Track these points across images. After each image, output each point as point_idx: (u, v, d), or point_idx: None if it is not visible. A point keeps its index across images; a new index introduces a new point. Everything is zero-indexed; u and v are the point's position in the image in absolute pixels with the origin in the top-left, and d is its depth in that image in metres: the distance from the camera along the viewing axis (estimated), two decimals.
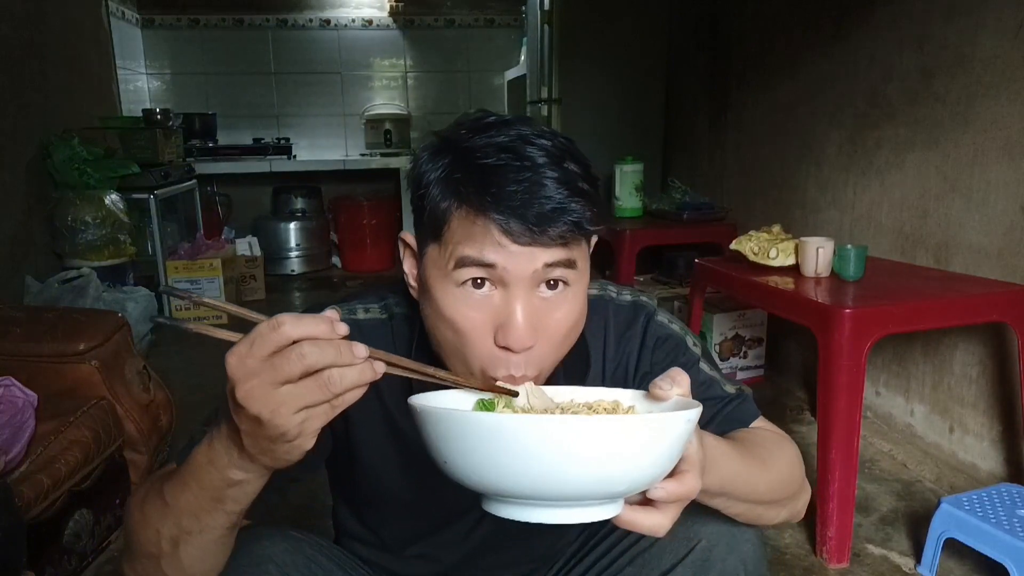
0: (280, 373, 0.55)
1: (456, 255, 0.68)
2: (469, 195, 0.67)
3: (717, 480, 0.71)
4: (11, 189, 2.96)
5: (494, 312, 0.70)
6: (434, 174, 0.71)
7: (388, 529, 0.95)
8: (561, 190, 0.67)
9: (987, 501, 1.61)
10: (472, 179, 0.67)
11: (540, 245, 0.67)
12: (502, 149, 0.68)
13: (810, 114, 2.71)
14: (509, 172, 0.66)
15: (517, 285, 0.69)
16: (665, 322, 0.92)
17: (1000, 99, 1.90)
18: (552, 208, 0.66)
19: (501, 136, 0.69)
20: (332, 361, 0.55)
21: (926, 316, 1.76)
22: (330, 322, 0.57)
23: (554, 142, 0.70)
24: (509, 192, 0.66)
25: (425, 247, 0.73)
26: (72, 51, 3.68)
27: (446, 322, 0.71)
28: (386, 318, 0.87)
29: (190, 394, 2.78)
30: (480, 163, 0.67)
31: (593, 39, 3.74)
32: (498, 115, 0.73)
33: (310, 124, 5.38)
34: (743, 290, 2.13)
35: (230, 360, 0.58)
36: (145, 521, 0.71)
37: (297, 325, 0.56)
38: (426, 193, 0.71)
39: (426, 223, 0.72)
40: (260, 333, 0.56)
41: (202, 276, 3.71)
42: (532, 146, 0.68)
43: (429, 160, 0.72)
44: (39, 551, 1.47)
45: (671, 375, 0.66)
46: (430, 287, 0.72)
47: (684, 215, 3.11)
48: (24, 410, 1.53)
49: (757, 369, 2.86)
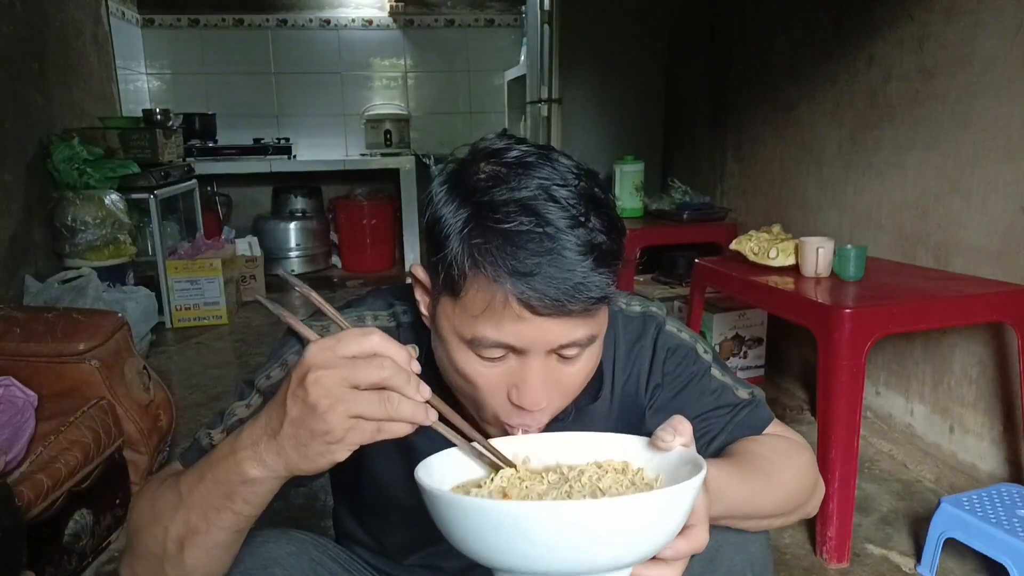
0: (357, 373, 0.58)
1: (475, 332, 0.68)
2: (487, 264, 0.65)
3: (721, 509, 0.72)
4: (11, 189, 2.96)
5: (509, 373, 0.70)
6: (453, 226, 0.67)
7: (390, 537, 0.95)
8: (584, 261, 0.64)
9: (987, 501, 1.61)
10: (492, 247, 0.64)
11: (561, 316, 0.66)
12: (523, 209, 0.65)
13: (810, 114, 2.71)
14: (530, 241, 0.64)
15: (533, 355, 0.69)
16: (675, 331, 0.91)
17: (1000, 99, 1.90)
18: (574, 284, 0.64)
19: (522, 190, 0.66)
20: (400, 387, 0.58)
21: (926, 316, 1.76)
22: (410, 355, 0.60)
23: (577, 190, 0.67)
24: (529, 264, 0.63)
25: (440, 294, 0.71)
26: (72, 51, 3.68)
27: (459, 375, 0.72)
28: (394, 326, 0.86)
29: (190, 394, 2.79)
30: (500, 228, 0.64)
31: (593, 39, 3.74)
32: (517, 147, 0.70)
33: (310, 124, 5.38)
34: (743, 290, 2.13)
35: (312, 348, 0.59)
36: (154, 517, 0.70)
37: (385, 342, 0.59)
38: (444, 243, 0.68)
39: (443, 276, 0.69)
40: (351, 334, 0.59)
41: (202, 276, 3.70)
42: (554, 203, 0.65)
43: (447, 203, 0.69)
44: (39, 551, 1.47)
45: (673, 424, 0.66)
46: (444, 339, 0.72)
47: (684, 215, 3.11)
48: (24, 410, 1.53)
49: (757, 369, 2.86)
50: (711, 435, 0.89)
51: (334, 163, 4.98)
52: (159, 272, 3.66)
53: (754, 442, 0.87)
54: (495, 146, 0.71)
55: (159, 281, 3.66)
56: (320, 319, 0.86)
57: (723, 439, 0.89)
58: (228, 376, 3.01)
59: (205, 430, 0.82)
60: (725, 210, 3.21)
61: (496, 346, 0.68)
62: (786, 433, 0.92)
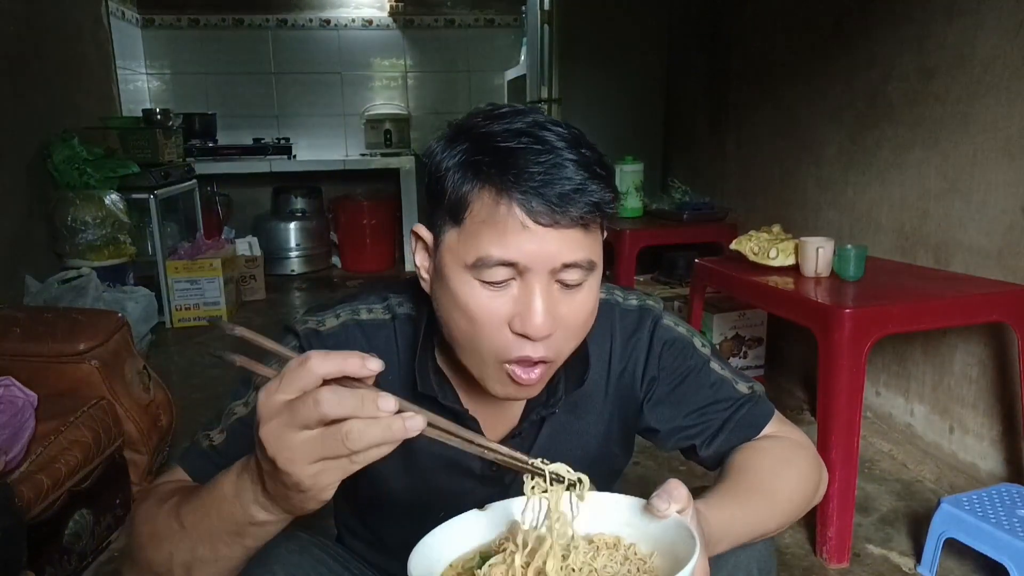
0: (296, 418, 0.53)
1: (478, 252, 0.68)
2: (492, 175, 0.68)
3: (724, 546, 0.73)
4: (11, 189, 2.96)
5: (512, 301, 0.70)
6: (452, 160, 0.71)
7: (390, 531, 0.95)
8: (580, 171, 0.68)
9: (987, 501, 1.61)
10: (494, 161, 0.68)
11: (561, 226, 0.68)
12: (520, 133, 0.69)
13: (810, 114, 2.71)
14: (530, 154, 0.67)
15: (536, 276, 0.69)
16: (672, 325, 0.91)
17: (1000, 99, 1.90)
18: (573, 188, 0.67)
19: (518, 122, 0.70)
20: (351, 412, 0.52)
21: (926, 316, 1.76)
22: (360, 358, 0.54)
23: (568, 129, 0.72)
24: (531, 172, 0.67)
25: (442, 234, 0.73)
26: (72, 51, 3.68)
27: (461, 311, 0.72)
28: (389, 318, 0.86)
29: (190, 394, 2.79)
30: (501, 145, 0.68)
31: (593, 39, 3.74)
32: (510, 105, 0.75)
33: (310, 124, 5.38)
34: (743, 290, 2.13)
35: (260, 395, 0.55)
36: (156, 541, 0.70)
37: (324, 362, 0.53)
38: (445, 177, 0.71)
39: (445, 208, 0.71)
40: (289, 369, 0.54)
41: (202, 276, 3.70)
42: (548, 131, 0.70)
43: (445, 148, 0.73)
44: (39, 551, 1.47)
45: (668, 490, 0.65)
46: (446, 276, 0.72)
47: (684, 215, 3.11)
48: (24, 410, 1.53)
49: (757, 369, 2.86)
50: (711, 430, 0.89)
51: (334, 163, 4.99)
52: (159, 272, 3.66)
53: (755, 453, 0.87)
54: (488, 107, 0.76)
55: (159, 281, 3.66)
56: (349, 303, 0.87)
57: (724, 438, 0.89)
58: (228, 376, 3.01)
59: (204, 431, 0.82)
60: (725, 210, 3.21)
61: (500, 264, 0.68)
62: (786, 430, 0.92)
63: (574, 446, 0.89)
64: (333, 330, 0.84)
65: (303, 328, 0.84)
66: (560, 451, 0.84)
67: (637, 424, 0.94)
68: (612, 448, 0.94)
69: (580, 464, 0.81)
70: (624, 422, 0.93)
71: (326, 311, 0.86)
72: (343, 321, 0.85)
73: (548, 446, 0.82)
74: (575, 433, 0.89)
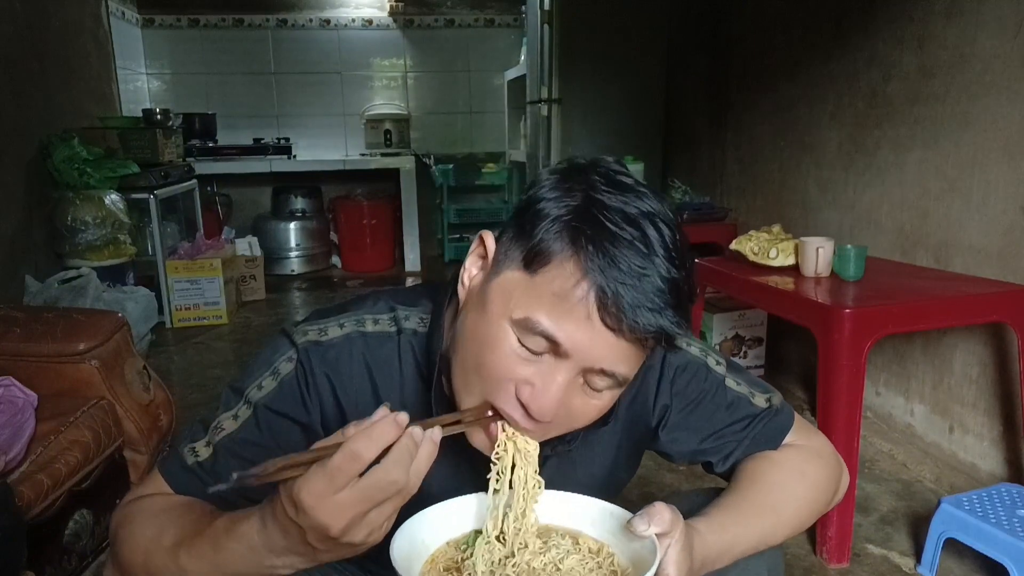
0: (372, 504, 0.58)
1: (530, 314, 0.65)
2: (585, 251, 0.64)
3: (727, 561, 0.73)
4: (11, 189, 2.96)
5: (532, 370, 0.67)
6: (556, 209, 0.66)
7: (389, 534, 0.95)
8: (665, 293, 0.64)
9: (987, 501, 1.61)
10: (594, 237, 0.64)
11: (621, 335, 0.65)
12: (630, 221, 0.65)
13: (810, 114, 2.71)
14: (630, 251, 0.64)
15: (570, 365, 0.66)
16: (683, 347, 0.88)
17: (1000, 99, 1.90)
18: (650, 310, 0.63)
19: (633, 207, 0.66)
20: (412, 470, 0.58)
21: (926, 316, 1.76)
22: (395, 423, 0.58)
23: (675, 234, 0.67)
24: (622, 271, 0.63)
25: (506, 266, 0.69)
26: (72, 51, 3.68)
27: (483, 347, 0.69)
28: (394, 331, 0.83)
29: (190, 394, 2.79)
30: (607, 226, 0.64)
31: (593, 39, 3.74)
32: (632, 176, 0.71)
33: (310, 124, 5.38)
34: (743, 290, 2.13)
35: (307, 500, 0.56)
36: (148, 572, 0.71)
37: (370, 446, 0.56)
38: (540, 222, 0.66)
39: (527, 250, 0.67)
40: (338, 468, 0.56)
41: (202, 276, 3.70)
42: (657, 232, 0.65)
43: (555, 188, 0.68)
44: (39, 551, 1.46)
45: (649, 513, 0.67)
46: (488, 308, 0.69)
47: (684, 215, 3.10)
48: (24, 410, 1.53)
49: (757, 369, 2.86)
50: (727, 450, 0.88)
51: (334, 163, 4.98)
52: (159, 272, 3.66)
53: (767, 465, 0.86)
54: (613, 166, 0.71)
55: (159, 281, 3.66)
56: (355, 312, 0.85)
57: (740, 453, 0.88)
58: (228, 376, 3.01)
59: (188, 443, 0.79)
60: (725, 210, 3.21)
61: (544, 337, 0.65)
62: (806, 438, 0.91)
63: (582, 475, 0.87)
64: (335, 341, 0.81)
65: (302, 341, 0.81)
66: (567, 482, 0.83)
67: (649, 447, 0.92)
68: (620, 473, 0.93)
69: (588, 491, 0.82)
70: (633, 448, 0.91)
71: (329, 319, 0.83)
72: (347, 332, 0.81)
73: (555, 477, 0.78)
74: (583, 463, 0.87)
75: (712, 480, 0.93)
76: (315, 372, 0.79)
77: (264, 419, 0.78)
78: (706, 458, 0.90)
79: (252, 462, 0.78)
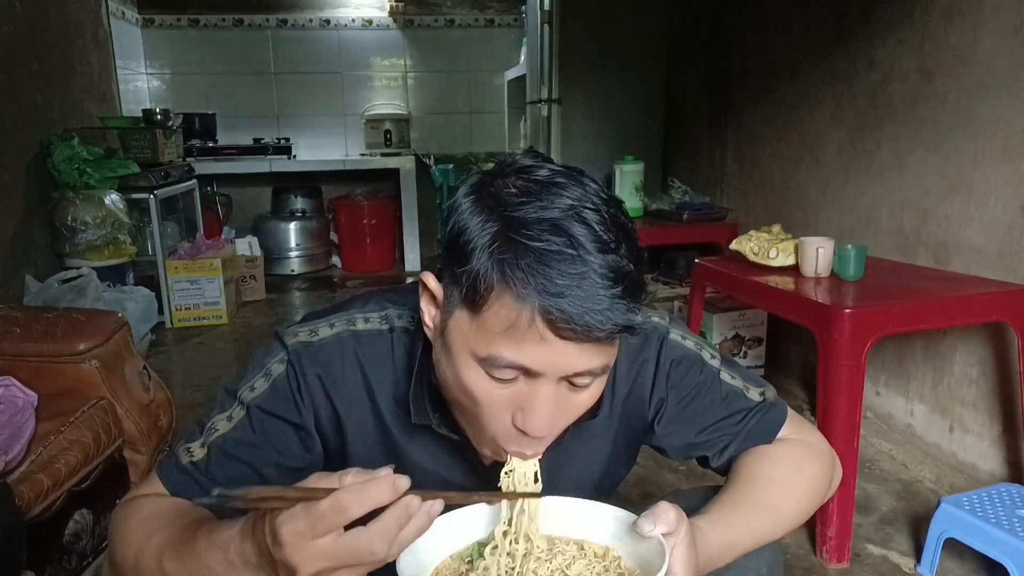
0: (344, 563, 0.57)
1: (491, 351, 0.65)
2: (516, 281, 0.62)
3: (729, 559, 0.73)
4: (11, 189, 2.96)
5: (516, 395, 0.67)
6: (480, 239, 0.65)
7: None
8: (612, 288, 0.63)
9: (987, 501, 1.61)
10: (521, 264, 0.62)
11: (581, 341, 0.64)
12: (553, 228, 0.63)
13: (810, 114, 2.71)
14: (561, 262, 0.62)
15: (546, 380, 0.66)
16: (679, 341, 0.88)
17: (1000, 99, 1.90)
18: (601, 309, 0.62)
19: (552, 209, 0.64)
20: (397, 541, 0.57)
21: (926, 316, 1.76)
22: (392, 487, 0.56)
23: (607, 215, 0.65)
24: (560, 285, 0.61)
25: (454, 307, 0.68)
26: (72, 51, 3.68)
27: (463, 393, 0.69)
28: (386, 330, 0.83)
29: (190, 394, 2.79)
30: (530, 245, 0.62)
31: (593, 39, 3.74)
32: (546, 165, 0.69)
33: (310, 124, 5.38)
34: (743, 290, 2.13)
35: (286, 536, 0.56)
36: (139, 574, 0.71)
37: (360, 503, 0.55)
38: (468, 258, 0.65)
39: (464, 289, 0.66)
40: (322, 516, 0.55)
41: (202, 276, 3.70)
42: (584, 225, 0.63)
43: (473, 214, 0.66)
44: (39, 551, 1.46)
45: (655, 513, 0.66)
46: (452, 352, 0.69)
47: (684, 215, 3.11)
48: (24, 410, 1.53)
49: (757, 369, 2.86)
50: (723, 444, 0.89)
51: (334, 163, 4.98)
52: (159, 272, 3.66)
53: (764, 460, 0.86)
54: (524, 163, 0.69)
55: (159, 281, 3.66)
56: (347, 311, 0.84)
57: (736, 447, 0.89)
58: (228, 376, 2.99)
59: (184, 444, 0.80)
60: (725, 210, 3.21)
61: (511, 367, 0.65)
62: (800, 432, 0.91)
63: (578, 471, 0.88)
64: (326, 341, 0.81)
65: (292, 342, 0.80)
66: (564, 477, 0.83)
67: (645, 441, 0.92)
68: (616, 468, 0.93)
69: (584, 487, 0.82)
70: (629, 441, 0.91)
71: (320, 319, 0.83)
72: (337, 332, 0.81)
73: (551, 472, 0.77)
74: (579, 458, 0.88)
75: (712, 478, 0.93)
76: (306, 373, 0.79)
77: (257, 420, 0.79)
78: (701, 452, 0.90)
79: (246, 463, 0.78)
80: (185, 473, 0.78)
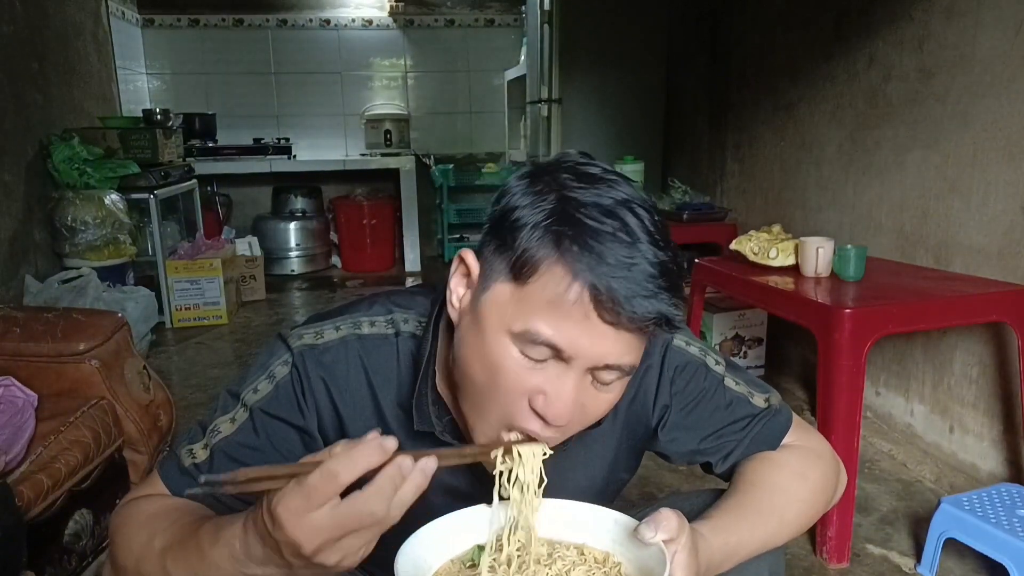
0: (346, 531, 0.57)
1: (529, 325, 0.65)
2: (571, 253, 0.63)
3: (731, 565, 0.73)
4: (11, 189, 2.96)
5: (542, 378, 0.67)
6: (533, 216, 0.66)
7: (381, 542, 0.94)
8: (657, 278, 0.64)
9: (987, 501, 1.61)
10: (577, 237, 0.63)
11: (621, 328, 0.64)
12: (608, 213, 0.65)
13: (810, 114, 2.71)
14: (614, 243, 0.63)
15: (577, 366, 0.67)
16: (683, 346, 0.88)
17: (1000, 99, 1.90)
18: (646, 297, 0.63)
19: (607, 198, 0.66)
20: (393, 499, 0.57)
21: (926, 316, 1.76)
22: (380, 448, 0.57)
23: (653, 216, 0.68)
24: (612, 266, 0.63)
25: (493, 279, 0.68)
26: (72, 51, 3.68)
27: (487, 367, 0.68)
28: (392, 334, 0.82)
29: (190, 394, 2.79)
30: (587, 223, 0.64)
31: (593, 39, 3.74)
32: (599, 165, 0.71)
33: (310, 124, 5.38)
34: (743, 290, 2.13)
35: (282, 515, 0.56)
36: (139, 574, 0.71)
37: (349, 468, 0.56)
38: (520, 231, 0.66)
39: (512, 261, 0.66)
40: (315, 487, 0.55)
41: (202, 276, 3.70)
42: (636, 218, 0.65)
43: (527, 194, 0.68)
44: (39, 551, 1.46)
45: (656, 519, 0.66)
46: (484, 327, 0.68)
47: (684, 215, 3.11)
48: (24, 410, 1.53)
49: (757, 369, 2.86)
50: (726, 451, 0.88)
51: (334, 163, 4.99)
52: (159, 272, 3.66)
53: (768, 466, 0.86)
54: (578, 159, 0.71)
55: (159, 281, 3.66)
56: (351, 315, 0.83)
57: (739, 453, 0.88)
58: (228, 376, 3.01)
59: (186, 445, 0.79)
60: (725, 210, 3.21)
61: (546, 345, 0.65)
62: (805, 438, 0.91)
63: (581, 477, 0.87)
64: (331, 344, 0.80)
65: (298, 344, 0.80)
66: (567, 483, 0.83)
67: (648, 447, 0.92)
68: (620, 474, 0.93)
69: (587, 493, 0.81)
70: (633, 447, 0.91)
71: (326, 321, 0.83)
72: (343, 335, 0.81)
73: (554, 479, 0.76)
74: (582, 464, 0.87)
75: (713, 480, 0.93)
76: (310, 376, 0.79)
77: (260, 422, 0.78)
78: (705, 458, 0.89)
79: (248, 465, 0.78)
80: (187, 474, 0.78)
